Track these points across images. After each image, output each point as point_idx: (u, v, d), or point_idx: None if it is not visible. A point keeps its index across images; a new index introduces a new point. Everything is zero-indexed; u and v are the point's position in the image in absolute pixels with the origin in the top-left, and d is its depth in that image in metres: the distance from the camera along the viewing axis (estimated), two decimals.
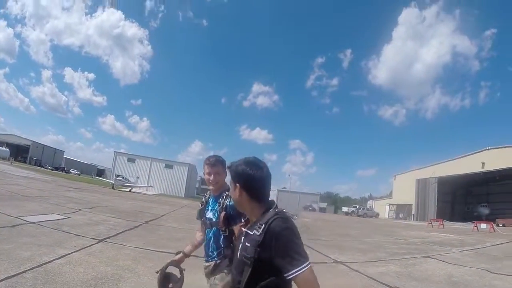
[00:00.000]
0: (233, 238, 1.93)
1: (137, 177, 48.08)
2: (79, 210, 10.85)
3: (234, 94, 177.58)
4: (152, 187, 49.03)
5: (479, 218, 29.94)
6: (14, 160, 64.44)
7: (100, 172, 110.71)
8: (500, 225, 26.36)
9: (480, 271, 6.77)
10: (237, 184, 1.45)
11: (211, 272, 2.21)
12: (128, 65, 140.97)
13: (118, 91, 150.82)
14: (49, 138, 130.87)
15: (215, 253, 2.24)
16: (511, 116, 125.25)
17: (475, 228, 23.21)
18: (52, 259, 4.61)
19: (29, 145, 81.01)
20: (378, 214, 50.53)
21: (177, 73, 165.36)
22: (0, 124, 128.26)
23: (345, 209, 57.05)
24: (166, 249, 6.42)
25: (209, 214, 2.31)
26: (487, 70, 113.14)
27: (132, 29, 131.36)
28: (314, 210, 59.51)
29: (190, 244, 2.45)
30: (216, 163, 2.30)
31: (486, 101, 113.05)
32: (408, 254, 9.17)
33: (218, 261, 2.20)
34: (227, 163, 1.61)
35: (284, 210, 1.42)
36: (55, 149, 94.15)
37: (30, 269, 3.99)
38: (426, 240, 13.85)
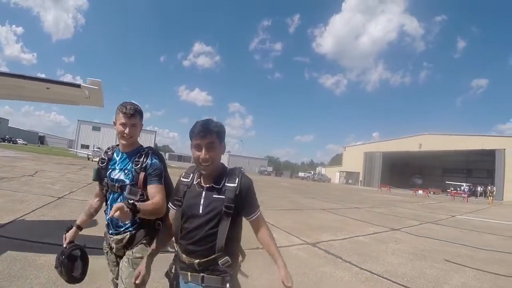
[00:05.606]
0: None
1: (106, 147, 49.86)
2: None
3: (173, 52, 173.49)
4: None
5: (413, 186, 41.97)
6: None
7: (41, 139, 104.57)
8: (431, 193, 38.41)
9: (424, 212, 14.39)
10: (224, 142, 1.63)
11: (125, 246, 1.89)
12: (61, 18, 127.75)
13: (49, 47, 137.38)
14: None
15: (128, 222, 1.85)
16: (446, 99, 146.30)
17: (414, 193, 35.08)
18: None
19: None
20: (330, 180, 60.51)
21: (114, 29, 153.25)
22: None
23: (301, 174, 66.15)
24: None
25: (117, 175, 1.92)
26: (430, 52, 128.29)
27: None
28: (269, 174, 66.83)
29: (84, 214, 2.04)
30: (135, 113, 1.90)
31: (426, 81, 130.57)
32: (386, 205, 16.71)
33: (134, 231, 1.90)
34: (217, 126, 1.53)
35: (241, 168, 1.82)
36: None
37: None
38: (387, 199, 22.20)
